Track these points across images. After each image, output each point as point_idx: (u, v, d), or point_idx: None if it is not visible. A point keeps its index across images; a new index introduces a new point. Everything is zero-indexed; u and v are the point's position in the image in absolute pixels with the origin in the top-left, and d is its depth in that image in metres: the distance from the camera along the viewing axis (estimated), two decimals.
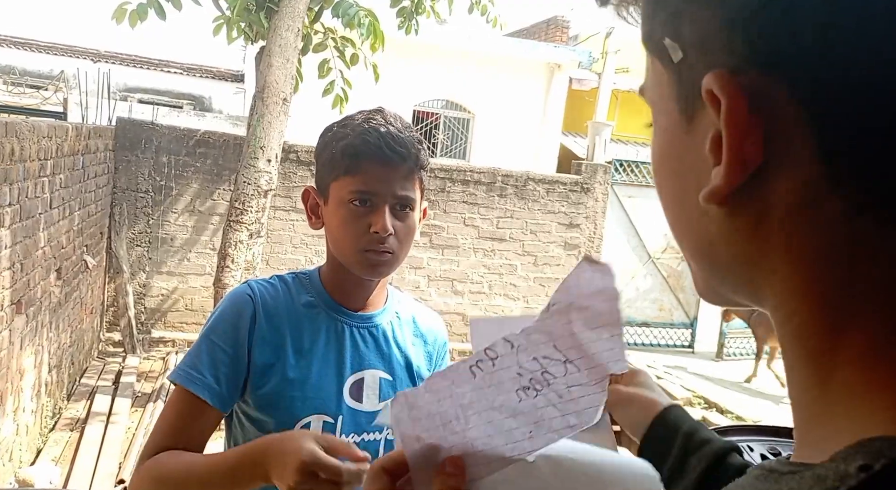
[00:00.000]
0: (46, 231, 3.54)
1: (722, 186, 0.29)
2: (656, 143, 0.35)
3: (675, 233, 0.36)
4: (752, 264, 0.31)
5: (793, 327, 0.30)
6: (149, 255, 5.69)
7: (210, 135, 5.77)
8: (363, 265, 1.00)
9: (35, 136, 3.20)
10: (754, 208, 0.30)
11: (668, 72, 0.32)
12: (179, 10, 4.25)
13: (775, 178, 0.29)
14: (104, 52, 10.51)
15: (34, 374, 3.47)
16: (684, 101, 0.31)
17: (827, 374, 0.29)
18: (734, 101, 0.28)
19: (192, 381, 0.97)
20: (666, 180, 0.35)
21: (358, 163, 0.97)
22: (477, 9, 5.08)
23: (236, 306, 1.01)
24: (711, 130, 0.29)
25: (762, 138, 0.28)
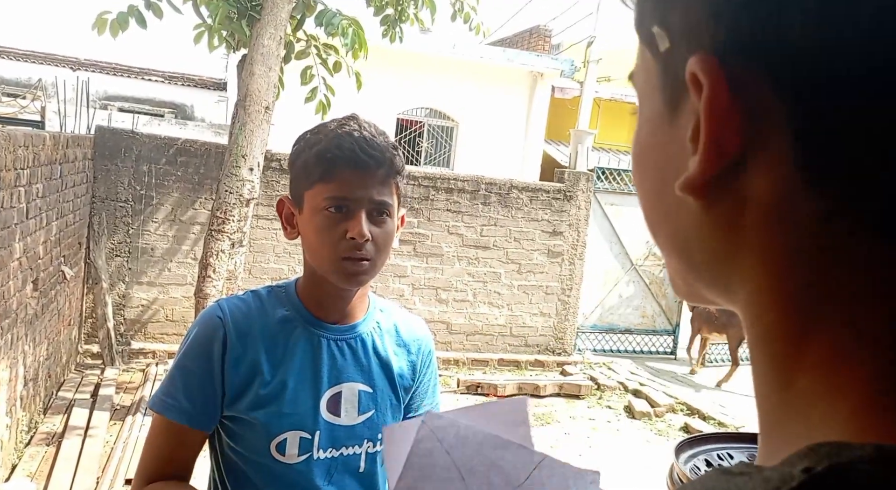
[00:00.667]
0: (22, 241, 3.47)
1: (697, 175, 0.29)
2: (639, 133, 0.35)
3: (652, 225, 0.35)
4: (725, 261, 0.31)
5: (761, 329, 0.30)
6: (128, 265, 5.62)
7: (191, 143, 5.72)
8: (341, 274, 0.98)
9: (11, 145, 3.15)
10: (729, 203, 0.29)
11: (656, 60, 0.32)
12: (161, 18, 4.22)
13: (752, 173, 0.28)
14: (83, 60, 10.40)
15: (9, 388, 3.39)
16: (669, 91, 0.31)
17: (790, 378, 0.28)
18: (716, 85, 0.27)
19: (169, 409, 0.98)
20: (646, 171, 0.34)
21: (332, 169, 0.96)
22: (460, 16, 5.10)
23: (207, 330, 1.00)
24: (693, 119, 0.29)
25: (740, 129, 0.27)
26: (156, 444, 1.00)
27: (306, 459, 0.99)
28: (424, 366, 1.14)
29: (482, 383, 5.71)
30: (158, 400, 0.99)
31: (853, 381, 0.26)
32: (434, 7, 4.89)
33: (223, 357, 0.98)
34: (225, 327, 0.99)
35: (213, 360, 0.98)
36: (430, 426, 0.58)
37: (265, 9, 4.01)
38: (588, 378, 6.15)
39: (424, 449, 0.58)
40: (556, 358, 6.60)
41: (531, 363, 6.46)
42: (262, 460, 0.98)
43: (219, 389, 0.98)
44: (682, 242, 0.33)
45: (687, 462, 1.09)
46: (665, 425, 5.35)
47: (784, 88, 0.26)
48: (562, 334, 6.71)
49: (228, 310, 1.01)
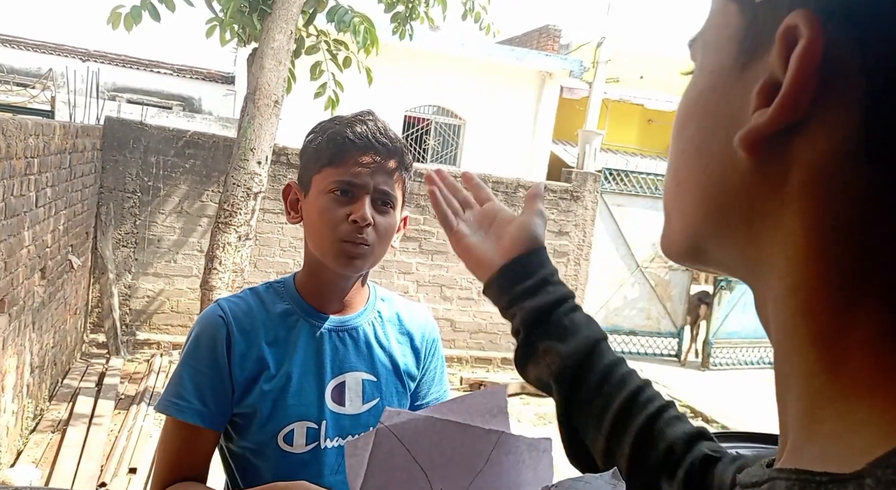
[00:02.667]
0: (31, 230, 3.49)
1: (764, 126, 0.29)
2: (695, 85, 0.34)
3: (682, 177, 0.34)
4: (766, 223, 0.30)
5: (799, 301, 0.29)
6: (135, 256, 5.64)
7: (199, 136, 5.73)
8: (339, 256, 0.99)
9: (22, 133, 3.17)
10: (784, 164, 0.29)
11: (741, 14, 0.32)
12: (173, 11, 4.23)
13: (813, 136, 0.28)
14: (93, 51, 10.44)
15: (16, 375, 3.42)
16: (749, 45, 0.31)
17: (840, 356, 0.27)
18: (815, 39, 0.27)
19: (181, 410, 0.97)
20: (691, 121, 0.34)
21: (343, 152, 0.98)
22: (470, 16, 5.10)
23: (209, 329, 1.00)
24: (766, 75, 0.29)
25: (816, 91, 0.28)
26: (170, 447, 0.99)
27: (314, 449, 1.00)
28: (430, 353, 1.14)
29: (485, 381, 5.71)
30: (169, 403, 0.98)
31: None
32: (445, 5, 4.88)
33: (229, 355, 0.99)
34: (227, 326, 1.00)
35: (220, 358, 0.99)
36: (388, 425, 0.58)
37: (276, 3, 4.02)
38: None
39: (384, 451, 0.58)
40: None
41: None
42: (270, 452, 0.99)
43: (228, 387, 0.99)
44: (720, 198, 0.32)
45: None
46: None
47: (871, 63, 0.27)
48: None
49: (229, 308, 1.02)
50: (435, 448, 0.60)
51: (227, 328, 0.99)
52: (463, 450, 0.60)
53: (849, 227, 0.27)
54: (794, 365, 0.29)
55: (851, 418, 0.26)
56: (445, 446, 0.60)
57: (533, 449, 0.63)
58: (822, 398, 0.28)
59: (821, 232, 0.28)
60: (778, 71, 0.28)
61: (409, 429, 0.59)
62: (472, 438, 0.61)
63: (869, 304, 0.27)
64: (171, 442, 0.99)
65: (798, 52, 0.27)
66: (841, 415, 0.27)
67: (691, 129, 0.34)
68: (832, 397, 0.27)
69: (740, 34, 0.32)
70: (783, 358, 0.30)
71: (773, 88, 0.29)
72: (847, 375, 0.27)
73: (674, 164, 0.35)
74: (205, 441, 0.99)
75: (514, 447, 0.62)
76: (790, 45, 0.28)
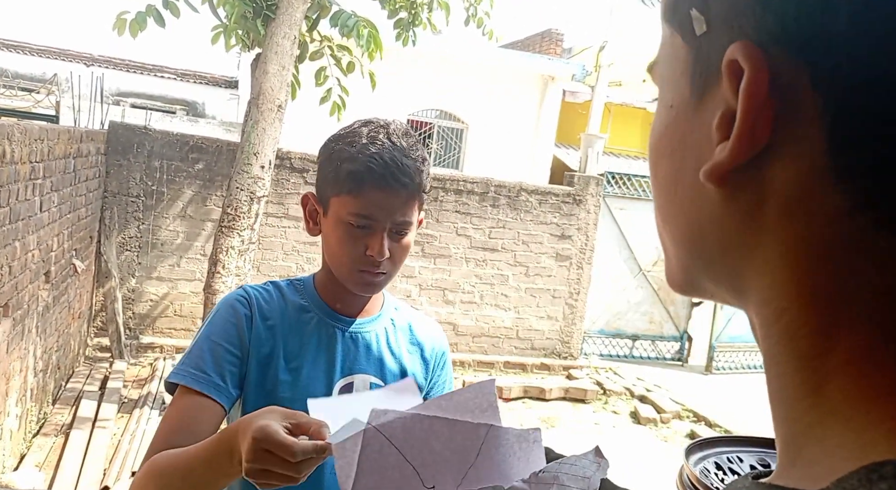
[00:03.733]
0: (35, 234, 3.51)
1: (725, 161, 0.28)
2: (659, 121, 0.34)
3: (664, 215, 0.35)
4: (743, 253, 0.30)
5: (781, 326, 0.29)
6: (139, 260, 5.66)
7: (203, 140, 5.75)
8: (356, 283, 1.02)
9: (26, 138, 3.19)
10: (753, 193, 0.29)
11: (688, 46, 0.32)
12: (178, 17, 4.25)
13: (779, 163, 0.28)
14: (98, 56, 10.49)
15: (20, 379, 3.43)
16: (699, 77, 0.31)
17: (820, 380, 0.27)
18: (758, 72, 0.27)
19: (198, 381, 0.96)
20: (663, 159, 0.34)
21: (360, 187, 0.98)
22: (473, 21, 5.11)
23: (233, 308, 1.02)
24: (722, 107, 0.29)
25: (774, 118, 0.27)
26: (177, 415, 0.96)
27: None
28: (438, 366, 1.15)
29: None
30: (188, 373, 0.96)
31: (892, 384, 0.25)
32: (448, 10, 4.90)
33: (249, 335, 1.00)
34: (251, 308, 1.02)
35: (241, 335, 1.00)
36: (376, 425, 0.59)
37: (280, 8, 4.04)
38: (594, 383, 6.14)
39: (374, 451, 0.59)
40: (562, 362, 6.59)
41: (537, 366, 6.46)
42: None
43: (244, 366, 1.00)
44: (697, 232, 0.32)
45: (697, 464, 1.10)
46: (671, 432, 5.33)
47: (822, 81, 0.26)
48: (568, 338, 6.70)
49: (253, 293, 1.04)
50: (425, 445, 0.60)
51: (251, 309, 1.02)
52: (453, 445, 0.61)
53: (826, 250, 0.27)
54: (778, 390, 0.29)
55: (828, 443, 0.26)
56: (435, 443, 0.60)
57: (523, 440, 0.63)
58: (802, 424, 0.28)
59: (798, 257, 0.28)
60: (732, 102, 0.28)
61: (398, 428, 0.59)
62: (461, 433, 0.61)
63: (847, 328, 0.27)
64: (180, 410, 0.96)
65: (743, 87, 0.27)
66: (819, 440, 0.27)
67: (664, 165, 0.34)
68: (811, 423, 0.27)
69: (691, 67, 0.31)
70: (770, 383, 0.30)
71: (730, 120, 0.28)
72: (826, 400, 0.27)
73: (657, 201, 0.35)
74: (213, 415, 0.96)
75: (504, 440, 0.63)
76: (737, 78, 0.28)
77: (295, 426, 0.74)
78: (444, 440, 0.61)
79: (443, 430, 0.61)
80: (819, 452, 0.27)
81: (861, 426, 0.26)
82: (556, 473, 0.60)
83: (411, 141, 1.03)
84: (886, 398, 0.25)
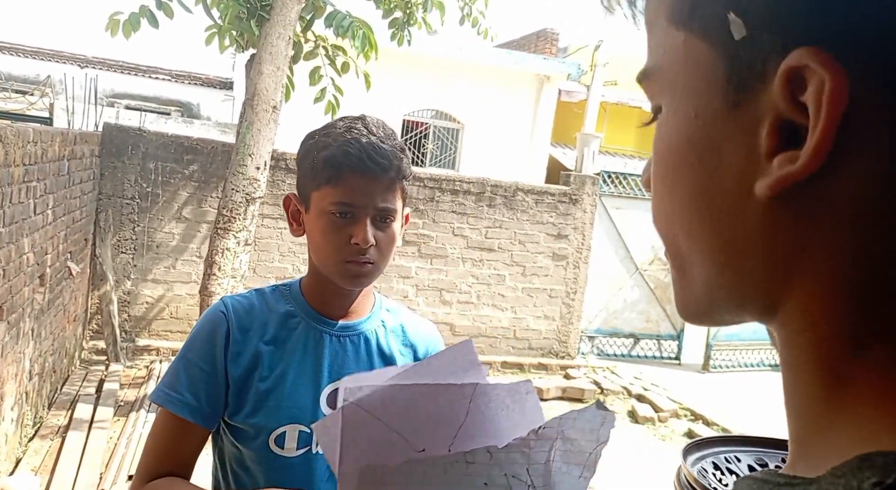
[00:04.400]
0: (30, 237, 3.49)
1: (799, 173, 0.27)
2: (675, 132, 0.32)
3: (689, 229, 0.33)
4: (788, 262, 0.29)
5: (813, 335, 0.28)
6: (134, 262, 5.64)
7: (198, 142, 5.74)
8: (344, 275, 1.00)
9: (20, 140, 3.17)
10: (808, 201, 0.28)
11: (716, 51, 0.30)
12: (171, 17, 4.24)
13: (840, 172, 0.27)
14: (91, 57, 10.45)
15: (15, 382, 3.41)
16: (734, 84, 0.29)
17: (840, 384, 0.27)
18: (838, 80, 0.26)
19: (172, 402, 0.98)
20: (686, 171, 0.32)
21: (339, 174, 0.97)
22: (468, 20, 5.11)
23: (211, 324, 1.01)
24: (770, 116, 0.28)
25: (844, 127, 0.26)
26: (159, 439, 0.99)
27: (305, 453, 1.00)
28: None
29: None
30: (163, 393, 0.99)
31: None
32: (443, 10, 4.90)
33: (226, 351, 1.00)
34: (228, 322, 1.01)
35: (217, 355, 0.99)
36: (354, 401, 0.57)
37: (274, 9, 4.03)
38: (591, 382, 6.14)
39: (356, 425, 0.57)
40: (559, 361, 6.59)
41: (534, 366, 6.46)
42: (261, 453, 0.99)
43: (222, 384, 0.99)
44: (731, 245, 0.31)
45: (694, 464, 1.09)
46: (669, 430, 5.34)
47: (888, 83, 0.26)
48: (565, 338, 6.70)
49: (231, 306, 1.03)
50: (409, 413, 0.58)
51: (228, 324, 1.01)
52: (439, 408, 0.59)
53: (879, 259, 0.27)
54: (798, 391, 0.30)
55: (842, 440, 0.27)
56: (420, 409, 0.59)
57: (514, 393, 0.62)
58: (817, 423, 0.28)
59: (849, 265, 0.27)
60: (785, 111, 0.27)
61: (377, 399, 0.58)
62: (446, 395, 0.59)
63: (882, 333, 0.27)
64: (160, 434, 0.99)
65: (826, 96, 0.26)
66: (833, 438, 0.27)
67: (688, 178, 0.32)
68: (826, 422, 0.28)
69: (722, 74, 0.30)
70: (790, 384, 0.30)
71: (784, 129, 0.28)
72: (844, 403, 0.27)
73: (676, 216, 0.33)
74: (193, 437, 0.99)
75: (493, 396, 0.61)
76: (797, 86, 0.27)
77: None
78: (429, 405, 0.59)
79: (425, 396, 0.59)
80: (829, 448, 0.27)
81: (869, 421, 0.26)
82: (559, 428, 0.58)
83: (388, 131, 1.02)
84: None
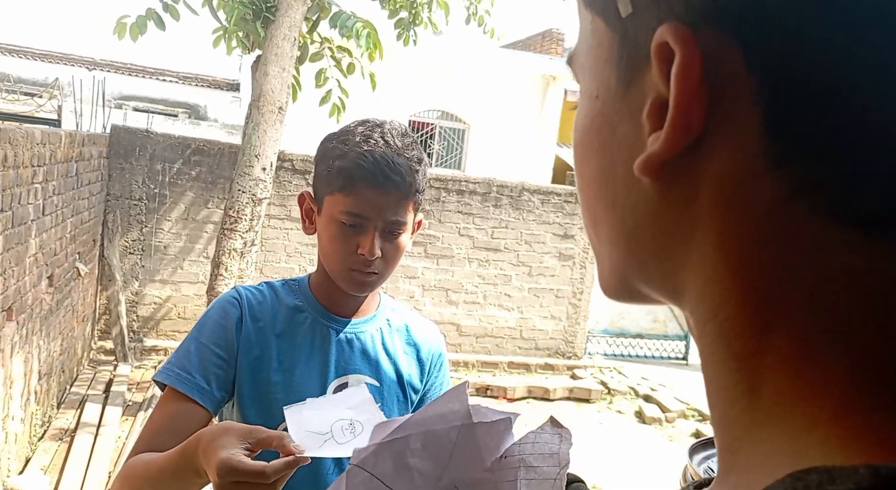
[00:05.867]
0: (38, 238, 3.52)
1: (661, 152, 0.26)
2: (582, 114, 0.32)
3: (594, 214, 0.32)
4: (679, 249, 0.28)
5: (717, 324, 0.27)
6: (142, 263, 5.67)
7: (205, 143, 5.76)
8: (348, 282, 1.02)
9: (29, 142, 3.19)
10: (688, 184, 0.27)
11: (612, 31, 0.29)
12: (178, 20, 4.26)
13: (714, 151, 0.26)
14: (99, 60, 10.51)
15: (24, 382, 3.43)
16: (626, 64, 0.29)
17: (755, 381, 0.25)
18: (690, 55, 0.25)
19: (182, 382, 0.97)
20: (590, 154, 0.31)
21: (352, 184, 0.97)
22: (474, 20, 5.11)
23: (224, 310, 1.02)
24: (652, 94, 0.27)
25: (709, 103, 0.25)
26: (161, 417, 0.97)
27: None
28: (435, 368, 1.15)
29: (491, 386, 5.70)
30: (173, 373, 0.97)
31: (829, 381, 0.24)
32: (448, 10, 4.90)
33: (237, 336, 1.00)
34: (241, 309, 1.02)
35: (229, 337, 1.00)
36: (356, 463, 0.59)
37: (280, 10, 4.04)
38: (598, 382, 6.13)
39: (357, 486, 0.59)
40: (566, 362, 6.58)
41: (541, 366, 6.45)
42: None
43: (232, 369, 1.00)
44: (631, 230, 0.30)
45: (701, 463, 1.09)
46: (676, 431, 5.32)
47: (756, 60, 0.25)
48: (572, 338, 6.69)
49: (244, 295, 1.04)
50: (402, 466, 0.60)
51: (241, 311, 1.02)
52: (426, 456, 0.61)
53: (762, 242, 0.25)
54: (715, 392, 0.28)
55: (763, 448, 0.25)
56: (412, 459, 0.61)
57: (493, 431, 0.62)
58: (738, 428, 0.26)
59: (734, 250, 0.26)
60: (663, 89, 0.26)
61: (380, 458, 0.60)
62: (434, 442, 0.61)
63: (784, 323, 0.25)
64: (164, 411, 0.97)
65: (675, 72, 0.25)
66: (755, 444, 0.25)
67: (592, 160, 0.31)
68: (747, 426, 0.26)
69: (616, 53, 0.29)
70: (708, 384, 0.28)
71: (662, 108, 0.27)
72: (761, 402, 0.25)
73: (585, 200, 0.33)
74: (196, 418, 0.97)
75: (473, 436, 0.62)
76: (668, 62, 0.26)
77: (255, 444, 0.75)
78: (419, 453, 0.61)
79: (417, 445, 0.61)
80: (754, 458, 0.25)
81: (796, 429, 0.24)
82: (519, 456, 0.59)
83: (407, 141, 1.01)
84: (822, 398, 0.24)
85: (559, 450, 0.60)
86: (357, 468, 0.59)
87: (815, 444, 0.23)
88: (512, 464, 0.58)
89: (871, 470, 0.21)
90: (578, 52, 0.33)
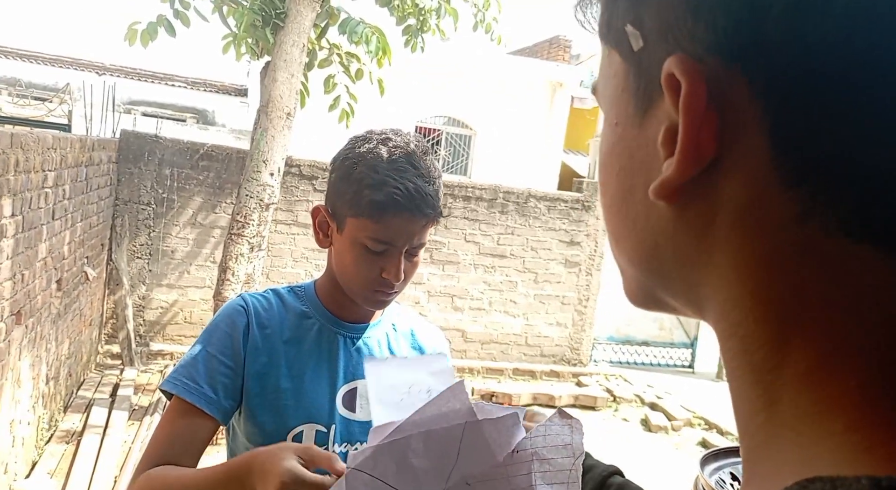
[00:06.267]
0: (48, 242, 3.54)
1: (673, 177, 0.28)
2: (605, 140, 0.34)
3: (617, 234, 0.34)
4: (698, 269, 0.29)
5: (737, 341, 0.28)
6: (149, 267, 5.69)
7: (213, 148, 5.79)
8: (368, 301, 1.03)
9: (39, 147, 3.22)
10: (704, 207, 0.28)
11: (627, 63, 0.31)
12: (188, 26, 4.29)
13: (727, 174, 0.27)
14: (109, 65, 10.59)
15: (32, 385, 3.45)
16: (641, 94, 0.30)
17: (774, 395, 0.26)
18: (695, 85, 0.27)
19: (190, 392, 0.97)
20: (612, 178, 0.33)
21: (383, 215, 0.97)
22: (481, 27, 5.13)
23: (230, 318, 1.02)
24: (666, 122, 0.28)
25: (718, 129, 0.27)
26: (169, 427, 0.97)
27: None
28: None
29: (496, 392, 5.69)
30: (180, 383, 0.97)
31: (843, 394, 0.25)
32: (456, 17, 4.92)
33: (245, 345, 1.00)
34: (248, 317, 1.02)
35: (236, 345, 1.00)
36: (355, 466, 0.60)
37: (289, 17, 4.07)
38: (604, 390, 6.10)
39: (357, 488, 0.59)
40: (571, 369, 6.56)
41: (546, 373, 6.43)
42: None
43: (239, 377, 1.00)
44: (651, 250, 0.32)
45: (712, 474, 1.08)
46: (682, 439, 5.29)
47: (760, 87, 0.26)
48: (578, 345, 6.67)
49: (251, 302, 1.04)
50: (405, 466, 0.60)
51: (248, 319, 1.02)
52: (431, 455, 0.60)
53: (777, 261, 0.27)
54: (738, 405, 0.29)
55: (778, 458, 0.26)
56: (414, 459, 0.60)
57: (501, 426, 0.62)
58: (759, 439, 0.27)
59: (751, 270, 0.27)
60: (675, 117, 0.28)
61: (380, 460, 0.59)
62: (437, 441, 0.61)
63: (800, 339, 0.26)
64: (173, 421, 0.97)
65: (682, 102, 0.27)
66: (772, 455, 0.26)
67: (613, 184, 0.33)
68: (767, 437, 0.27)
69: (632, 84, 0.31)
70: (732, 397, 0.30)
71: (675, 135, 0.28)
72: (779, 415, 0.26)
73: (608, 221, 0.35)
74: (205, 429, 0.97)
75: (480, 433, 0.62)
76: (677, 92, 0.27)
77: (308, 461, 0.77)
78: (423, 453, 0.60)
79: (419, 445, 0.60)
80: (770, 468, 0.26)
81: (809, 441, 0.25)
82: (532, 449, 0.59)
83: (429, 160, 1.01)
84: (836, 411, 0.25)
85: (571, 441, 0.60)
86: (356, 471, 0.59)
87: (825, 456, 0.24)
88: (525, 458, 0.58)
89: (872, 481, 0.21)
90: (600, 81, 0.35)
